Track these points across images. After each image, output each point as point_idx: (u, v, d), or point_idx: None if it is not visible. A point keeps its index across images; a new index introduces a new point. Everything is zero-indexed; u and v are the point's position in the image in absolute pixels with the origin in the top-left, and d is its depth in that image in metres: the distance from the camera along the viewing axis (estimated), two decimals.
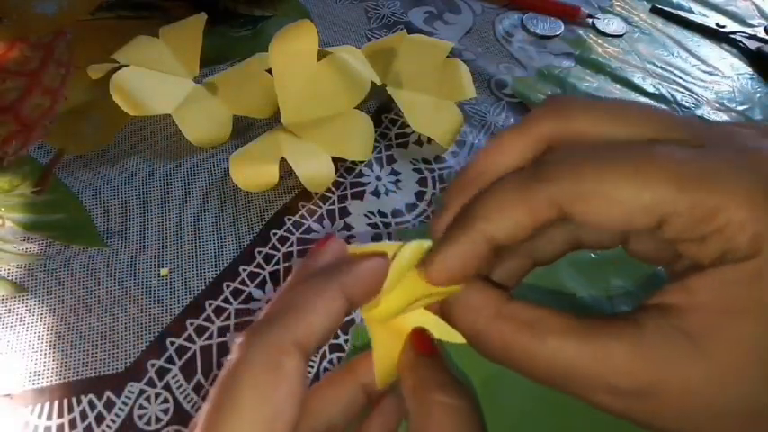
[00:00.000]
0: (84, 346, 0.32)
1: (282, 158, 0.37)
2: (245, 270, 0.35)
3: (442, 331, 0.20)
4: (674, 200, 0.15)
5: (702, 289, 0.16)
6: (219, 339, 0.32)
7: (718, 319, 0.15)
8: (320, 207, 0.38)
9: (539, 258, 0.21)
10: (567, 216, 0.17)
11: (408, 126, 0.42)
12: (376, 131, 0.41)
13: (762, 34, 0.55)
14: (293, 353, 0.16)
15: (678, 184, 0.15)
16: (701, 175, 0.15)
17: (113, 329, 0.32)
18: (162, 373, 0.31)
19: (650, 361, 0.15)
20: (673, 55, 0.53)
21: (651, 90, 0.49)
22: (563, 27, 0.53)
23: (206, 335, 0.32)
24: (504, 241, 0.17)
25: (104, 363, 0.31)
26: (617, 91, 0.49)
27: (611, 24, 0.54)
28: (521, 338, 0.17)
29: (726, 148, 0.16)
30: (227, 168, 0.38)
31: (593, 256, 0.37)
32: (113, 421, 0.29)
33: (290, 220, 0.37)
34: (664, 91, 0.49)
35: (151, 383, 0.31)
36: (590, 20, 0.54)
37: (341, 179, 0.39)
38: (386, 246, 0.19)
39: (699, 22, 0.55)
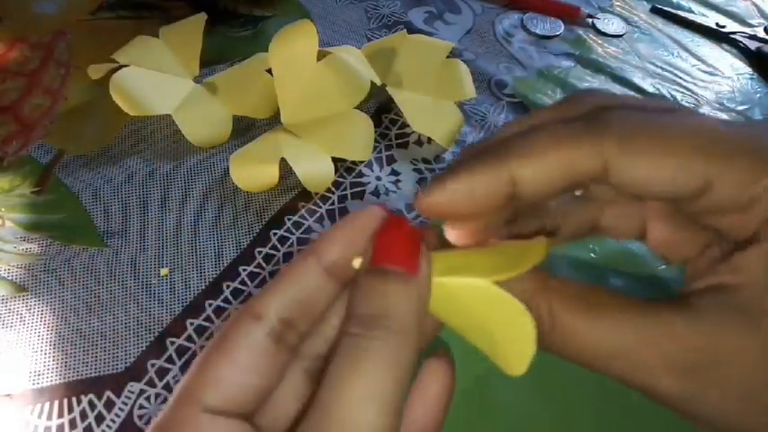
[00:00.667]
0: (84, 346, 0.32)
1: (282, 158, 0.37)
2: (245, 270, 0.35)
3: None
4: (722, 162, 0.15)
5: (750, 265, 0.16)
6: None
7: None
8: (320, 207, 0.38)
9: (551, 233, 0.20)
10: (609, 172, 0.16)
11: (408, 126, 0.42)
12: (376, 131, 0.41)
13: (762, 34, 0.55)
14: (245, 322, 0.16)
15: (727, 148, 0.15)
16: (748, 140, 0.16)
17: (113, 329, 0.32)
18: (162, 373, 0.31)
19: (710, 336, 0.15)
20: (673, 55, 0.53)
21: (651, 90, 0.49)
22: (563, 27, 0.53)
23: (206, 335, 0.32)
24: (530, 191, 0.16)
25: (104, 363, 0.31)
26: (617, 91, 0.49)
27: (611, 24, 0.54)
28: (572, 316, 0.16)
29: (762, 125, 0.17)
30: (227, 168, 0.38)
31: (593, 256, 0.37)
32: (113, 421, 0.29)
33: (290, 219, 0.37)
34: (664, 91, 0.49)
35: (151, 383, 0.31)
36: (590, 20, 0.54)
37: (341, 179, 0.39)
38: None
39: (699, 22, 0.55)
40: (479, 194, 0.16)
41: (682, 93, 0.49)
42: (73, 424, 0.29)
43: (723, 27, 0.55)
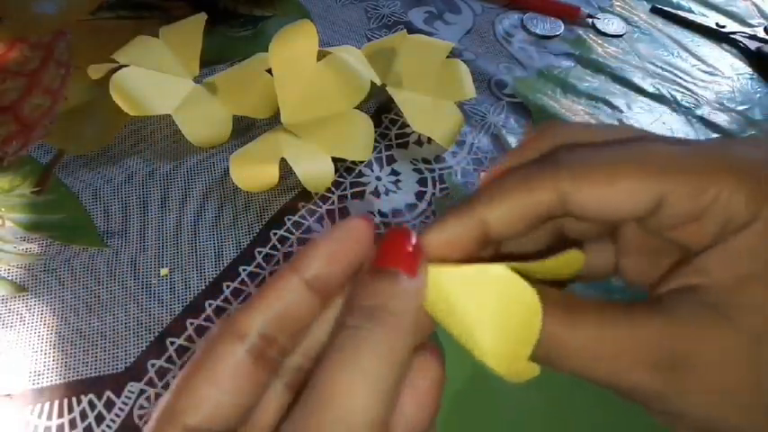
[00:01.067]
0: (84, 346, 0.32)
1: (282, 158, 0.37)
2: (245, 270, 0.35)
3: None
4: (671, 178, 0.17)
5: (714, 265, 0.17)
6: None
7: (737, 289, 0.16)
8: (320, 207, 0.38)
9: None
10: (568, 205, 0.17)
11: (408, 126, 0.42)
12: (376, 131, 0.41)
13: (762, 34, 0.55)
14: (227, 339, 0.17)
15: (675, 166, 0.17)
16: (692, 157, 0.17)
17: (113, 329, 0.32)
18: (162, 373, 0.31)
19: (684, 334, 0.16)
20: (673, 55, 0.53)
21: (651, 90, 0.49)
22: (563, 27, 0.53)
23: (206, 335, 0.32)
24: (499, 229, 0.18)
25: (104, 363, 0.31)
26: (617, 91, 0.49)
27: (611, 24, 0.54)
28: (553, 324, 0.16)
29: (707, 143, 0.18)
30: (227, 168, 0.38)
31: None
32: (113, 421, 0.29)
33: (290, 220, 0.37)
34: (664, 91, 0.49)
35: (151, 383, 0.31)
36: (590, 20, 0.54)
37: (341, 179, 0.39)
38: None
39: (699, 22, 0.55)
40: (453, 240, 0.18)
41: (682, 93, 0.49)
42: (73, 424, 0.29)
43: (723, 27, 0.55)
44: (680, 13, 0.56)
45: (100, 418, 0.29)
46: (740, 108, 0.48)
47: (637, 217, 0.18)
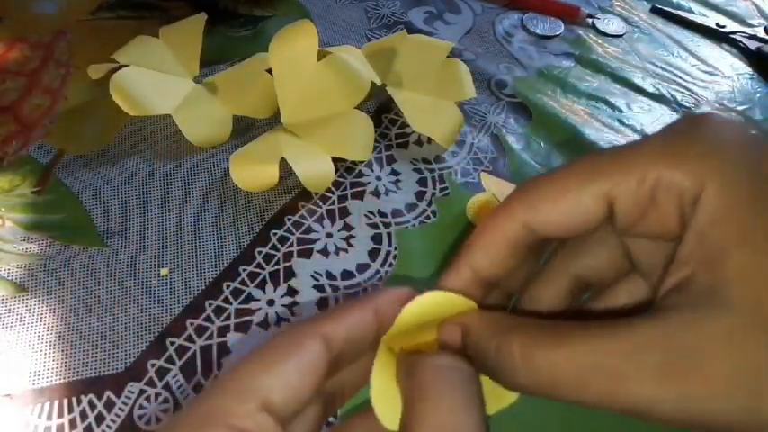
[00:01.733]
0: (84, 346, 0.32)
1: (282, 158, 0.37)
2: (245, 270, 0.35)
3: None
4: (612, 177, 0.18)
5: (691, 250, 0.16)
6: (219, 339, 0.32)
7: (719, 265, 0.16)
8: (320, 207, 0.38)
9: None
10: (534, 228, 0.19)
11: (408, 126, 0.42)
12: (376, 131, 0.41)
13: (762, 34, 0.55)
14: (315, 337, 0.18)
15: (615, 164, 0.18)
16: (631, 152, 0.18)
17: (113, 329, 0.32)
18: (162, 372, 0.31)
19: (684, 334, 0.15)
20: (673, 55, 0.53)
21: (651, 90, 0.49)
22: (563, 27, 0.53)
23: (206, 335, 0.32)
24: (489, 270, 0.20)
25: (104, 363, 0.31)
26: (617, 91, 0.49)
27: (611, 24, 0.54)
28: (542, 350, 0.17)
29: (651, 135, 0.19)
30: (227, 168, 0.38)
31: None
32: (113, 421, 0.29)
33: (290, 219, 0.37)
34: (664, 91, 0.49)
35: (151, 383, 0.31)
36: (590, 20, 0.54)
37: (341, 179, 0.39)
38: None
39: (699, 22, 0.55)
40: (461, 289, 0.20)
41: (682, 93, 0.49)
42: (73, 424, 0.29)
43: (723, 27, 0.55)
44: (680, 13, 0.56)
45: (100, 418, 0.29)
46: (740, 108, 0.48)
47: (597, 223, 0.18)
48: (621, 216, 0.18)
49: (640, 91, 0.49)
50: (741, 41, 0.54)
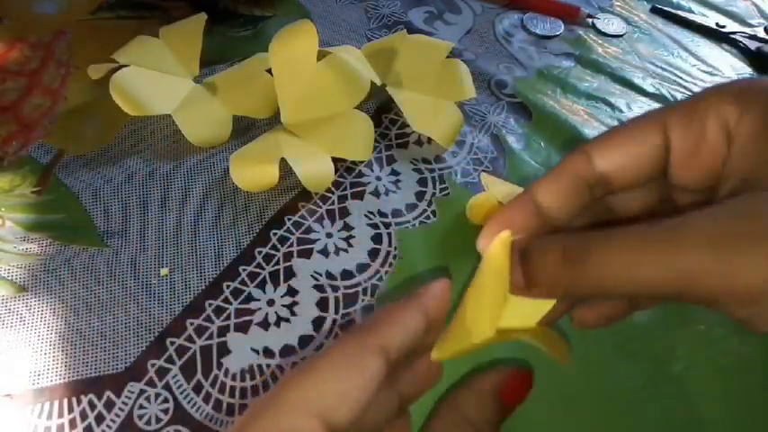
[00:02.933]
0: (84, 346, 0.32)
1: (282, 158, 0.37)
2: (245, 270, 0.35)
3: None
4: (669, 115, 0.20)
5: (736, 169, 0.19)
6: (219, 339, 0.32)
7: (760, 172, 0.18)
8: (320, 207, 0.38)
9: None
10: (600, 170, 0.20)
11: (408, 126, 0.42)
12: (376, 131, 0.41)
13: (762, 34, 0.55)
14: (376, 352, 0.19)
15: (671, 109, 0.20)
16: (687, 100, 0.20)
17: (113, 329, 0.32)
18: (162, 373, 0.31)
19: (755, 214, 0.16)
20: (673, 55, 0.53)
21: (651, 90, 0.49)
22: (563, 27, 0.53)
23: (206, 335, 0.32)
24: (551, 203, 0.21)
25: (104, 363, 0.31)
26: (617, 91, 0.49)
27: (611, 24, 0.54)
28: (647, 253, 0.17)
29: None
30: (227, 168, 0.38)
31: None
32: (113, 421, 0.29)
33: (290, 219, 0.37)
34: (664, 91, 0.49)
35: (151, 383, 0.31)
36: (590, 20, 0.54)
37: (341, 179, 0.39)
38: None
39: (699, 22, 0.55)
40: (517, 225, 0.21)
41: (682, 93, 0.49)
42: (73, 424, 0.29)
43: (723, 27, 0.55)
44: (680, 13, 0.56)
45: (100, 418, 0.29)
46: None
47: (657, 163, 0.20)
48: (677, 154, 0.20)
49: (640, 91, 0.49)
50: (741, 41, 0.54)
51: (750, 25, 0.56)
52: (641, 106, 0.48)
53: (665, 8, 0.56)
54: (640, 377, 0.32)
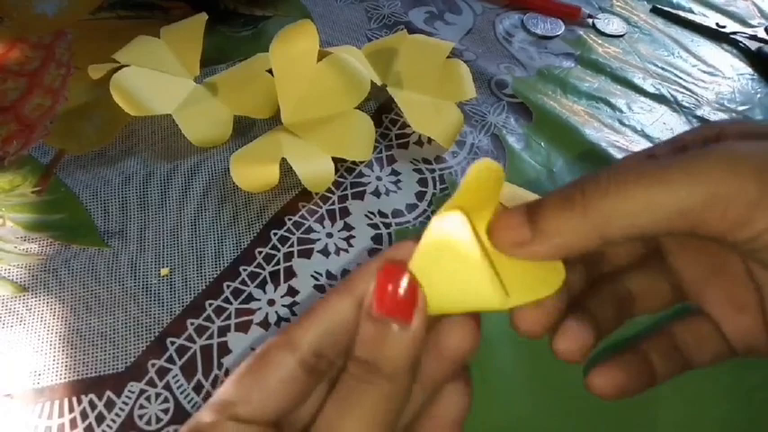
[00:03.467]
0: (84, 346, 0.32)
1: (283, 158, 0.37)
2: (245, 270, 0.35)
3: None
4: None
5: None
6: (220, 339, 0.32)
7: None
8: (320, 207, 0.38)
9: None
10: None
11: (409, 126, 0.42)
12: (376, 131, 0.41)
13: (762, 34, 0.55)
14: (282, 350, 0.18)
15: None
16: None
17: (113, 329, 0.32)
18: (162, 372, 0.31)
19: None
20: (673, 55, 0.53)
21: (651, 90, 0.49)
22: (563, 27, 0.53)
23: (206, 334, 0.32)
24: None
25: (105, 363, 0.31)
26: (617, 91, 0.49)
27: (612, 24, 0.54)
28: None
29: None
30: (228, 168, 0.38)
31: None
32: (114, 421, 0.29)
33: (290, 219, 0.37)
34: (664, 91, 0.49)
35: (151, 383, 0.31)
36: (590, 20, 0.54)
37: (341, 179, 0.39)
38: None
39: (699, 22, 0.55)
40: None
41: (682, 93, 0.49)
42: (73, 424, 0.29)
43: (723, 27, 0.55)
44: (680, 13, 0.56)
45: (100, 418, 0.29)
46: (740, 108, 0.48)
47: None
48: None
49: (641, 91, 0.49)
50: (741, 42, 0.54)
51: (750, 25, 0.56)
52: (641, 106, 0.48)
53: (666, 8, 0.56)
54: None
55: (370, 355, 0.18)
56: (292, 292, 0.34)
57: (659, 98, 0.48)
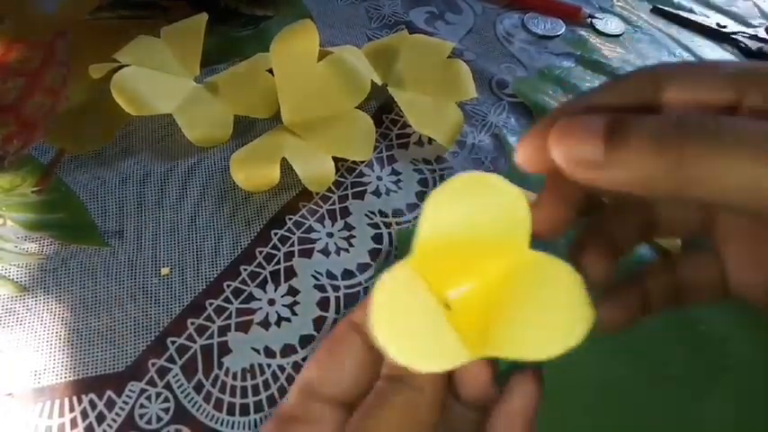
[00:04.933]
0: (84, 346, 0.32)
1: (283, 158, 0.37)
2: (245, 269, 0.35)
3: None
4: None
5: None
6: (220, 339, 0.32)
7: None
8: (321, 207, 0.38)
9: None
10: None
11: (409, 126, 0.42)
12: (377, 131, 0.41)
13: (763, 34, 0.55)
14: (350, 331, 0.19)
15: None
16: None
17: (114, 329, 0.32)
18: (163, 372, 0.31)
19: None
20: (674, 55, 0.53)
21: None
22: (564, 27, 0.53)
23: (206, 334, 0.32)
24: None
25: (105, 362, 0.31)
26: None
27: (612, 24, 0.54)
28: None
29: None
30: (228, 168, 0.38)
31: None
32: (114, 420, 0.29)
33: (290, 219, 0.37)
34: None
35: (152, 383, 0.31)
36: (591, 20, 0.54)
37: (342, 179, 0.39)
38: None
39: (700, 22, 0.55)
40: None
41: None
42: (74, 423, 0.29)
43: (724, 27, 0.55)
44: (681, 13, 0.56)
45: (101, 418, 0.29)
46: None
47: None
48: None
49: None
50: (742, 42, 0.54)
51: (751, 25, 0.56)
52: None
53: (666, 8, 0.56)
54: (640, 377, 0.32)
55: (396, 372, 0.18)
56: (293, 291, 0.34)
57: None
